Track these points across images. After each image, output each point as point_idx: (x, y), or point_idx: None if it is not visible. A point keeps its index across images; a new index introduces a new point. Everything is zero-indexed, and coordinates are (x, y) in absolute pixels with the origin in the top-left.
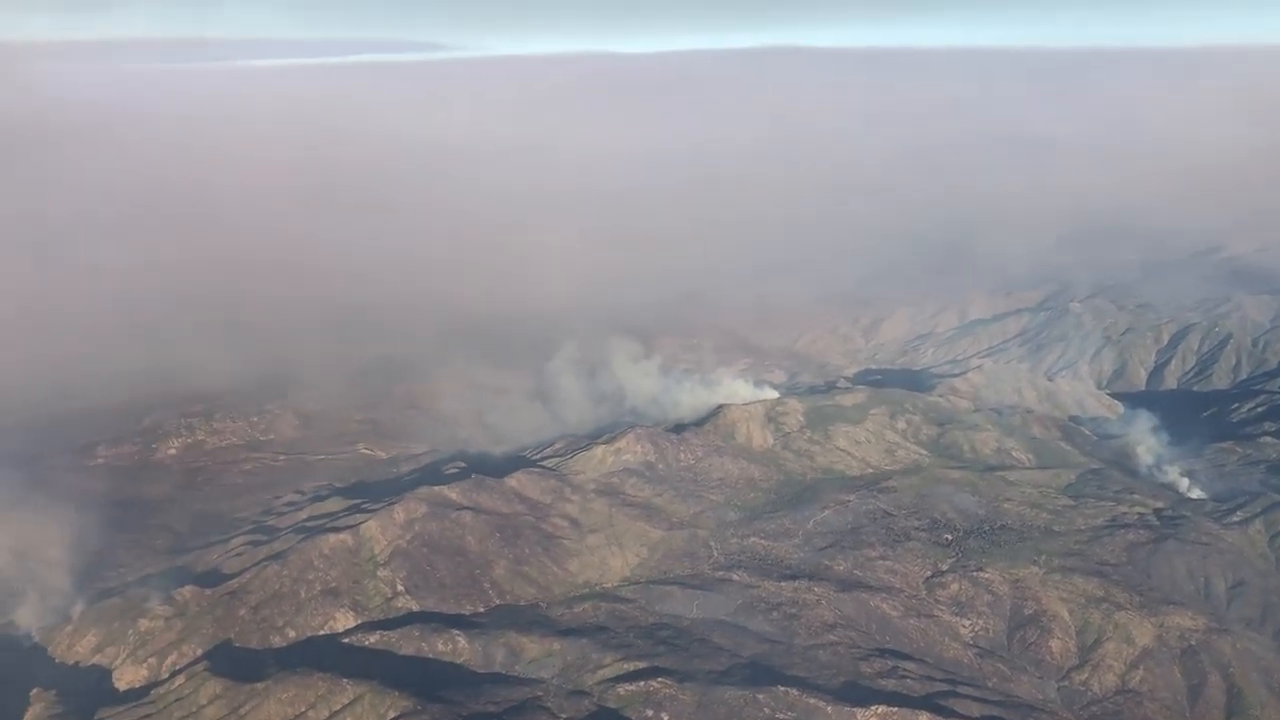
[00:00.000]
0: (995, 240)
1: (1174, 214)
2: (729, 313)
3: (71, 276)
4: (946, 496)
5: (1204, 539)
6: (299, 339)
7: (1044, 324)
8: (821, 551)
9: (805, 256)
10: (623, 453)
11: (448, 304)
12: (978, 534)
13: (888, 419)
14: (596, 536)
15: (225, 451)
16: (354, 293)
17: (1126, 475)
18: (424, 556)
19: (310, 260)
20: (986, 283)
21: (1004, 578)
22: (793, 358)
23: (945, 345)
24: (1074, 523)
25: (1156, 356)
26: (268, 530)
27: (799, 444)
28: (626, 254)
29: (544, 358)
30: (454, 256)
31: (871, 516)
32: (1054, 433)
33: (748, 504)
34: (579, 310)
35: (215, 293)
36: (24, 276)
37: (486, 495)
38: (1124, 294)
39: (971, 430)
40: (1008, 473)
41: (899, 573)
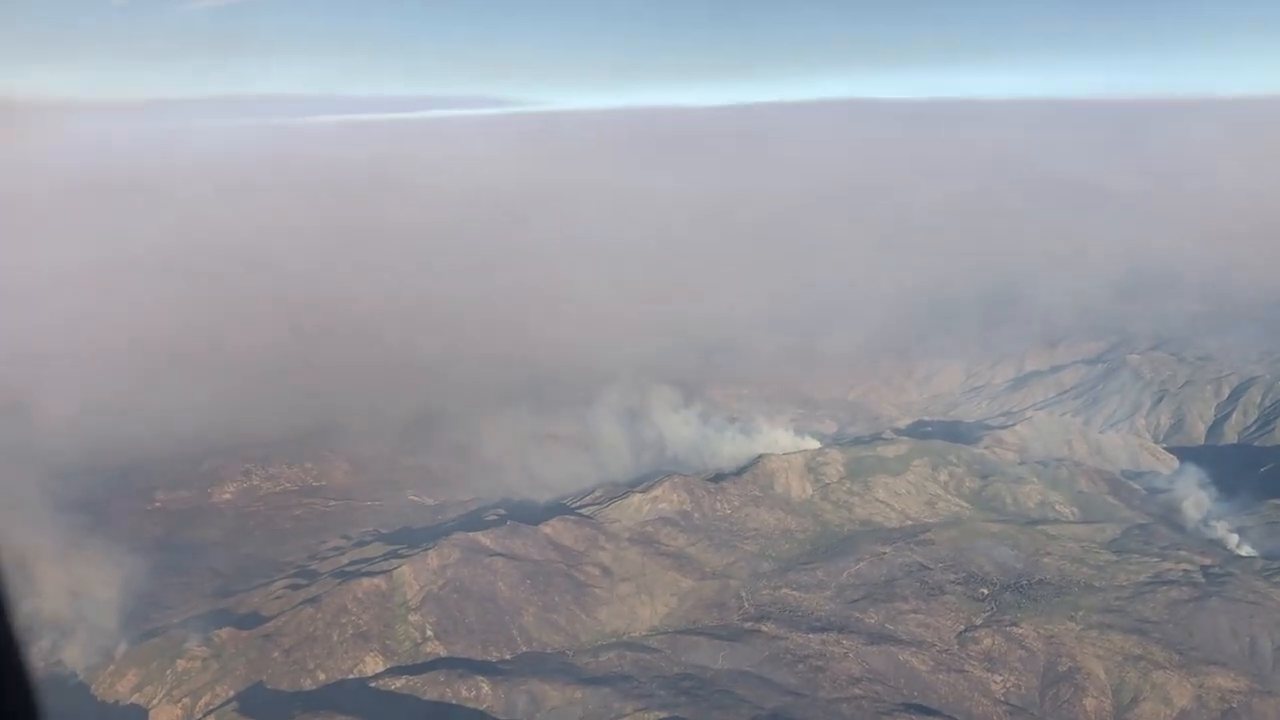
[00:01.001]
0: (1052, 291)
1: (1234, 265)
2: (781, 363)
3: (134, 327)
4: (985, 550)
5: (1251, 597)
6: (351, 388)
7: (1100, 377)
8: (853, 604)
9: (857, 307)
10: (659, 501)
11: (494, 353)
12: (1014, 588)
13: (929, 471)
14: (628, 585)
15: (278, 497)
16: (403, 343)
17: (1174, 531)
18: (454, 602)
19: (359, 311)
20: (1043, 334)
21: (1039, 633)
22: (845, 408)
23: (1000, 397)
24: (1115, 578)
25: (1216, 410)
26: (309, 574)
27: (838, 495)
28: (675, 304)
29: (587, 406)
30: (502, 306)
31: (907, 569)
32: (1101, 487)
33: (782, 555)
34: (626, 359)
35: (271, 343)
36: (87, 329)
37: (520, 542)
38: (1184, 346)
39: (1015, 483)
40: (1050, 526)
41: (931, 626)
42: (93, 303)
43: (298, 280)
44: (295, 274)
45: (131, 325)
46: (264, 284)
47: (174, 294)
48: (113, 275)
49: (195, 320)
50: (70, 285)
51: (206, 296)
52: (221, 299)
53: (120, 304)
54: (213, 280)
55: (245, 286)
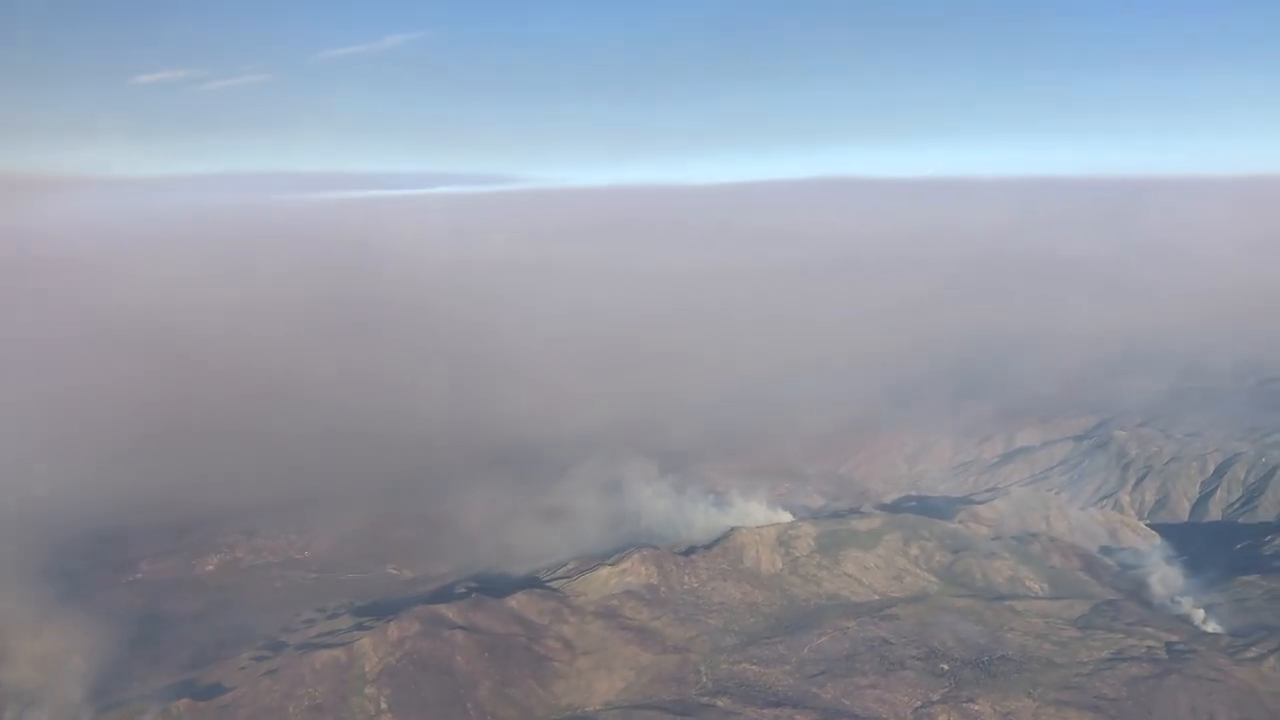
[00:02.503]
0: (1042, 367)
1: (1221, 341)
2: (773, 438)
3: (124, 397)
4: (949, 625)
5: (1212, 674)
6: (332, 461)
7: (1087, 452)
8: (812, 679)
9: (847, 382)
10: (627, 574)
11: (475, 425)
12: (975, 664)
13: (901, 545)
14: (588, 659)
15: (261, 569)
16: (386, 415)
17: (1142, 608)
18: (411, 675)
19: (338, 384)
20: (1034, 410)
21: (995, 710)
22: (834, 482)
23: (988, 472)
24: (1077, 655)
25: (1201, 487)
26: (277, 646)
27: (807, 569)
28: (661, 378)
29: (564, 479)
30: (483, 380)
31: (869, 644)
32: (1074, 562)
33: (746, 629)
34: (614, 434)
35: (249, 416)
36: (77, 400)
37: (483, 615)
38: (1171, 423)
39: (986, 558)
40: (1017, 602)
41: (888, 702)
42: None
43: (275, 354)
44: (273, 348)
45: (122, 398)
46: (241, 357)
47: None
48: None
49: (174, 394)
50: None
51: (185, 371)
52: (201, 373)
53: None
54: (190, 355)
55: (222, 360)
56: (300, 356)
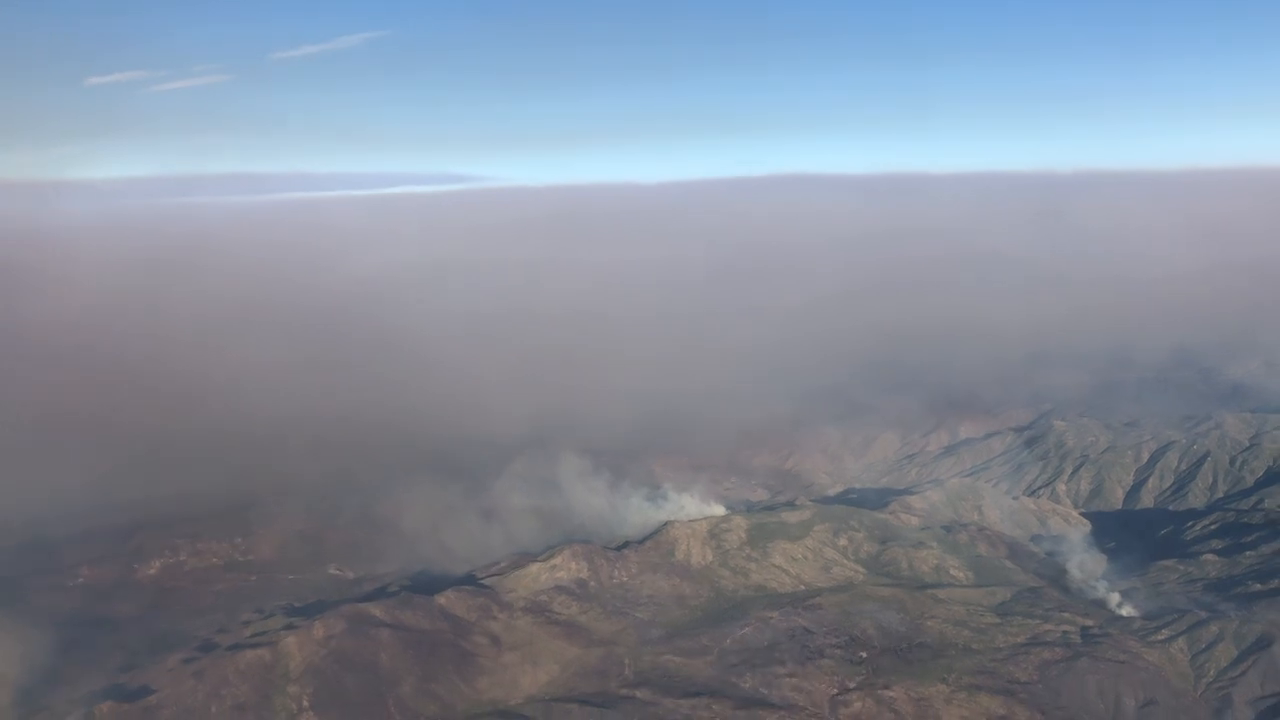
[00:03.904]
0: (986, 360)
1: (1163, 333)
2: (721, 434)
3: (69, 401)
4: (871, 614)
5: (1122, 657)
6: (278, 463)
7: (1027, 443)
8: (732, 668)
9: (793, 376)
10: (557, 570)
11: (416, 424)
12: (894, 652)
13: (830, 536)
14: (514, 654)
15: (203, 572)
16: (326, 417)
17: (1062, 594)
18: (334, 673)
19: (285, 385)
20: (979, 403)
21: (909, 696)
22: (779, 477)
23: (930, 465)
24: (994, 640)
25: (1135, 475)
26: (209, 648)
27: (736, 561)
28: (602, 375)
29: (500, 477)
30: (424, 378)
31: (791, 634)
32: (1000, 550)
33: (673, 621)
34: (549, 432)
35: (199, 418)
36: (17, 407)
37: (411, 613)
38: (1110, 413)
39: (913, 548)
40: (940, 590)
41: (805, 690)
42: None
43: (218, 357)
44: (215, 351)
45: (56, 406)
46: (184, 361)
47: (92, 375)
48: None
49: (114, 400)
50: None
51: (126, 376)
52: (143, 378)
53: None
54: (130, 360)
55: (164, 365)
56: (241, 359)
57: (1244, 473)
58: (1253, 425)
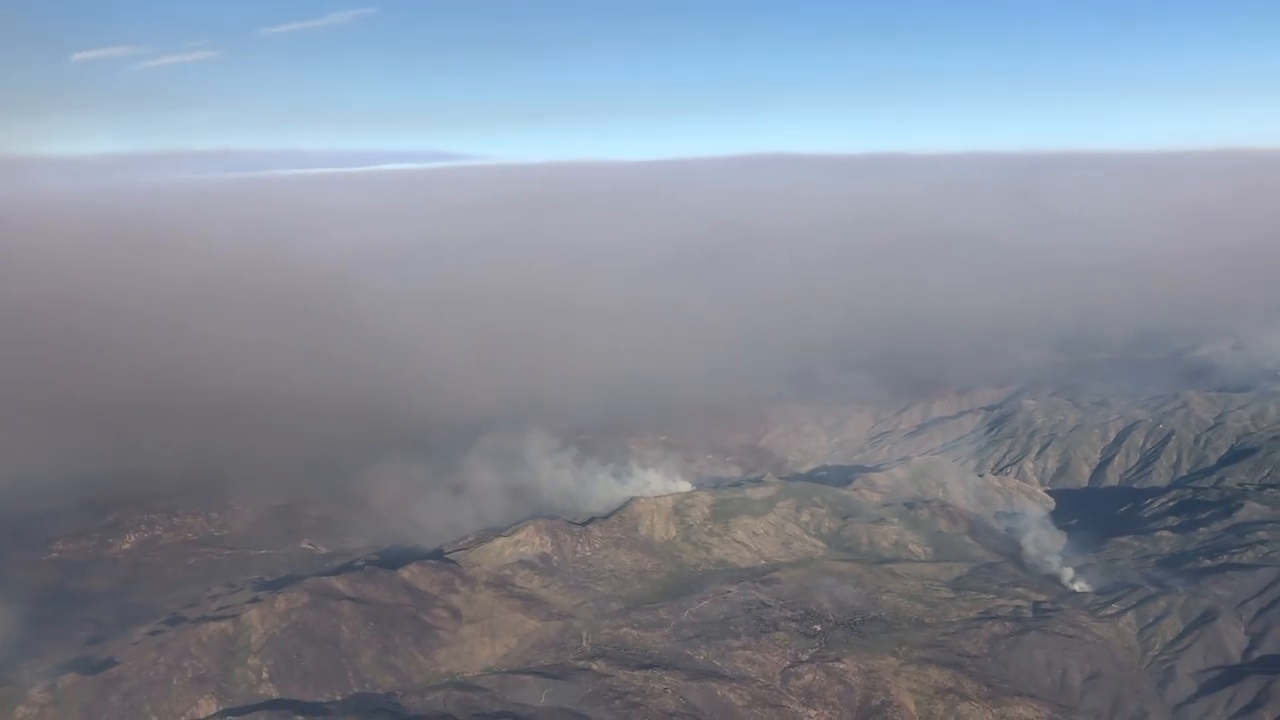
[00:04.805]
0: (959, 338)
1: (1135, 314)
2: (697, 412)
3: (43, 376)
4: (828, 588)
5: (1071, 631)
6: (255, 440)
7: (997, 421)
8: (687, 641)
9: (768, 355)
10: (521, 544)
11: (389, 401)
12: (847, 625)
13: (793, 512)
14: (473, 627)
15: (178, 546)
16: (302, 394)
17: (1019, 569)
18: (294, 645)
19: (262, 363)
20: (952, 381)
21: (860, 668)
22: (753, 454)
23: (903, 442)
24: (947, 615)
25: (1102, 453)
26: (177, 621)
27: (699, 536)
28: (583, 352)
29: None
30: (398, 356)
31: (747, 607)
32: (960, 526)
33: (633, 595)
34: (522, 409)
35: (176, 395)
36: None
37: (374, 586)
38: (1080, 392)
39: (874, 524)
40: (898, 566)
41: (758, 663)
42: None
43: (196, 333)
44: (195, 327)
45: (41, 377)
46: (164, 337)
47: (75, 350)
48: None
49: (96, 376)
50: None
51: (107, 351)
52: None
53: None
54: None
55: (128, 340)
56: (216, 336)
57: (1207, 451)
58: (1218, 405)
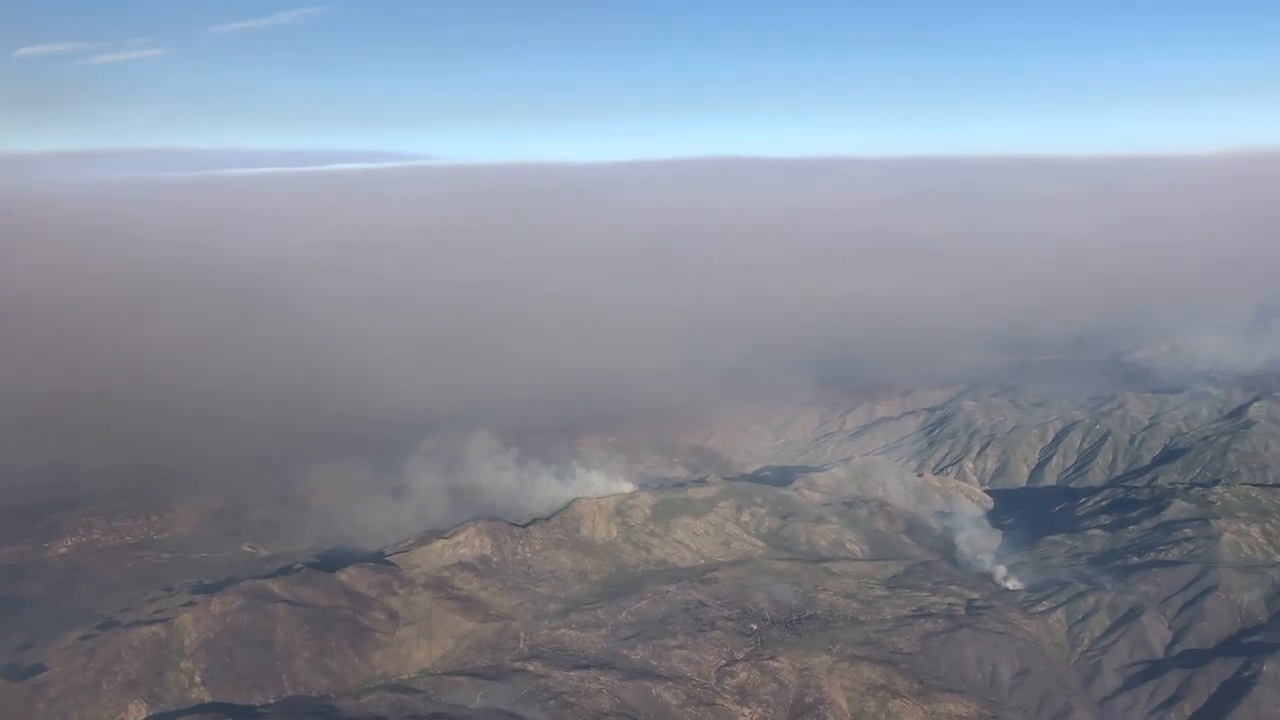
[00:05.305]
0: (905, 341)
1: (1070, 316)
2: (645, 412)
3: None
4: (765, 587)
5: (1001, 628)
6: (196, 441)
7: (939, 421)
8: (624, 641)
9: (715, 356)
10: (461, 546)
11: (330, 402)
12: (783, 624)
13: (733, 512)
14: (410, 629)
15: (116, 550)
16: (243, 395)
17: (954, 567)
18: (228, 648)
19: (202, 364)
20: (897, 383)
21: (794, 666)
22: (700, 455)
23: (847, 443)
24: (881, 612)
25: (1040, 454)
26: (109, 625)
27: (640, 537)
28: (530, 353)
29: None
30: (340, 356)
31: (685, 607)
32: (898, 526)
33: (572, 596)
34: (475, 408)
35: (114, 398)
36: None
37: (311, 589)
38: (1020, 393)
39: (813, 523)
40: (835, 564)
41: (694, 661)
42: None
43: (133, 335)
44: (131, 329)
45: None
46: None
47: None
48: None
49: (34, 377)
50: None
51: (45, 352)
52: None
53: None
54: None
55: (69, 339)
56: (159, 336)
57: (1142, 451)
58: (1154, 406)
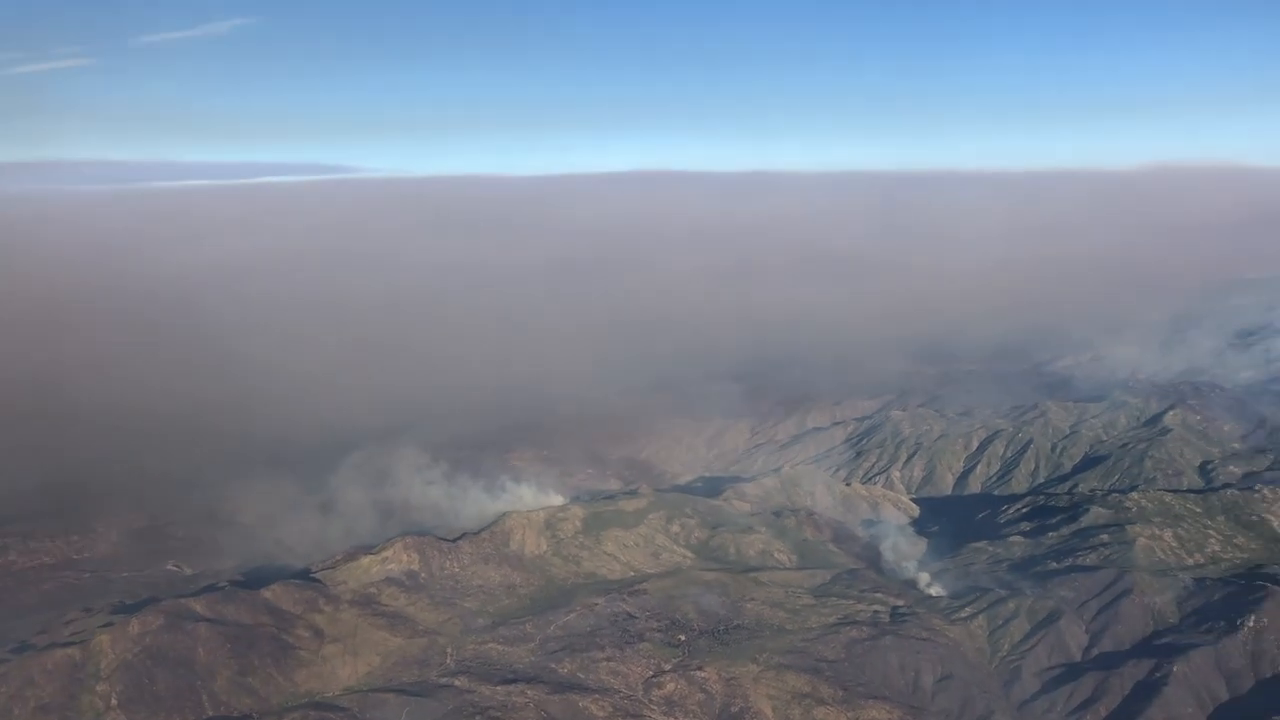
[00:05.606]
0: (836, 353)
1: (998, 327)
2: (579, 425)
3: None
4: (694, 598)
5: (924, 634)
6: (119, 459)
7: (867, 431)
8: (552, 655)
9: (642, 370)
10: (389, 562)
11: (255, 419)
12: (711, 634)
13: (663, 523)
14: (335, 646)
15: (33, 572)
16: (172, 409)
17: (879, 575)
18: (146, 669)
19: (123, 380)
20: (828, 393)
21: (720, 676)
22: (633, 467)
23: (777, 453)
24: (807, 621)
25: (965, 462)
26: (24, 649)
27: (570, 549)
28: (461, 367)
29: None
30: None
31: (614, 619)
32: (825, 534)
33: (501, 610)
34: (407, 423)
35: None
36: None
37: (234, 607)
38: (946, 403)
39: (742, 533)
40: (764, 574)
41: (621, 674)
42: None
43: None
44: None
45: None
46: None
47: None
48: None
49: None
50: None
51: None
52: None
53: None
54: None
55: None
56: (82, 351)
57: (1063, 459)
58: (1074, 414)
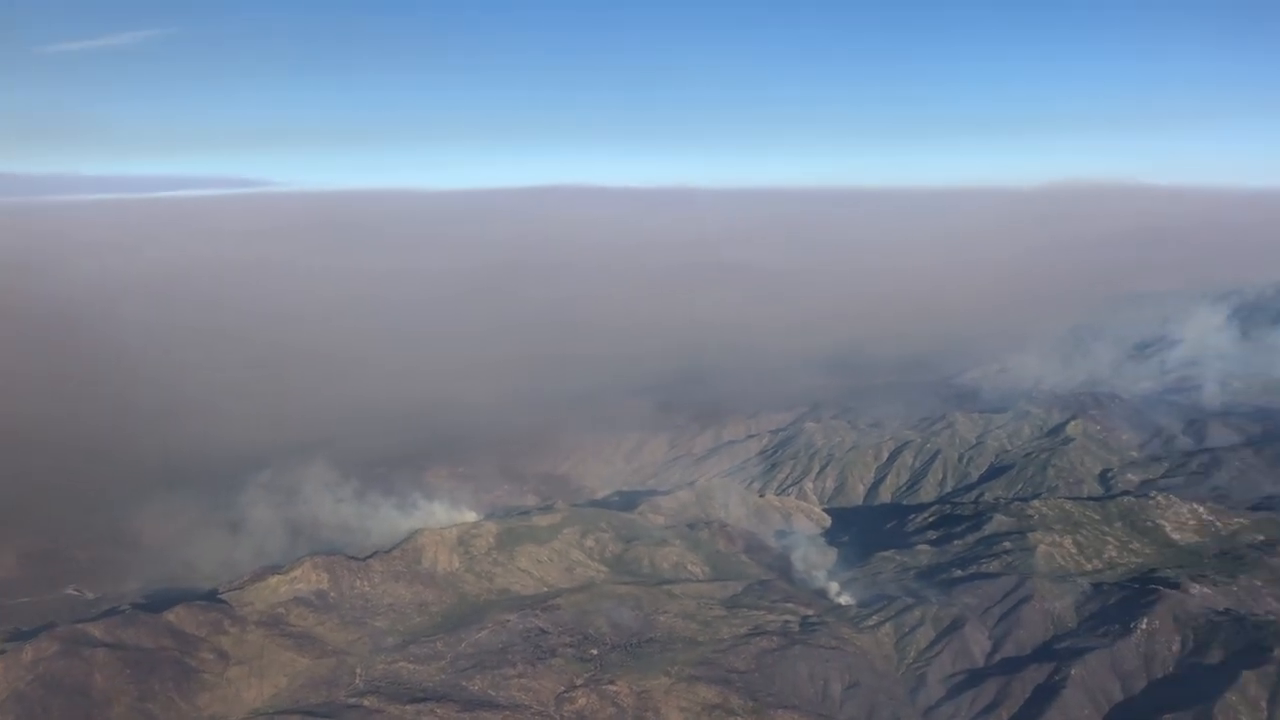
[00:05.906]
0: (749, 367)
1: (907, 340)
2: (495, 441)
3: None
4: (607, 612)
5: (833, 643)
6: (14, 477)
7: (781, 443)
8: (463, 672)
9: (557, 385)
10: (296, 581)
11: (157, 437)
12: (623, 647)
13: (577, 538)
14: (241, 668)
15: None
16: (64, 429)
17: (790, 585)
18: (40, 698)
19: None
20: (742, 407)
21: (632, 689)
22: (551, 482)
23: (694, 466)
24: (719, 632)
25: (876, 472)
26: None
27: (483, 566)
28: (373, 383)
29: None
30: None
31: (526, 635)
32: (737, 546)
33: (411, 628)
34: (316, 440)
35: None
36: None
37: (135, 631)
38: (857, 414)
39: (655, 546)
40: (677, 586)
41: (532, 690)
42: None
43: None
44: None
45: None
46: None
47: None
48: None
49: None
50: None
51: None
52: None
53: None
54: None
55: None
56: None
57: (970, 469)
58: (980, 425)
